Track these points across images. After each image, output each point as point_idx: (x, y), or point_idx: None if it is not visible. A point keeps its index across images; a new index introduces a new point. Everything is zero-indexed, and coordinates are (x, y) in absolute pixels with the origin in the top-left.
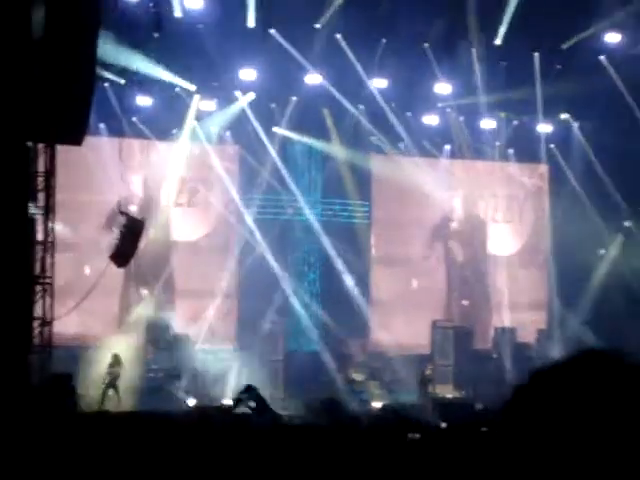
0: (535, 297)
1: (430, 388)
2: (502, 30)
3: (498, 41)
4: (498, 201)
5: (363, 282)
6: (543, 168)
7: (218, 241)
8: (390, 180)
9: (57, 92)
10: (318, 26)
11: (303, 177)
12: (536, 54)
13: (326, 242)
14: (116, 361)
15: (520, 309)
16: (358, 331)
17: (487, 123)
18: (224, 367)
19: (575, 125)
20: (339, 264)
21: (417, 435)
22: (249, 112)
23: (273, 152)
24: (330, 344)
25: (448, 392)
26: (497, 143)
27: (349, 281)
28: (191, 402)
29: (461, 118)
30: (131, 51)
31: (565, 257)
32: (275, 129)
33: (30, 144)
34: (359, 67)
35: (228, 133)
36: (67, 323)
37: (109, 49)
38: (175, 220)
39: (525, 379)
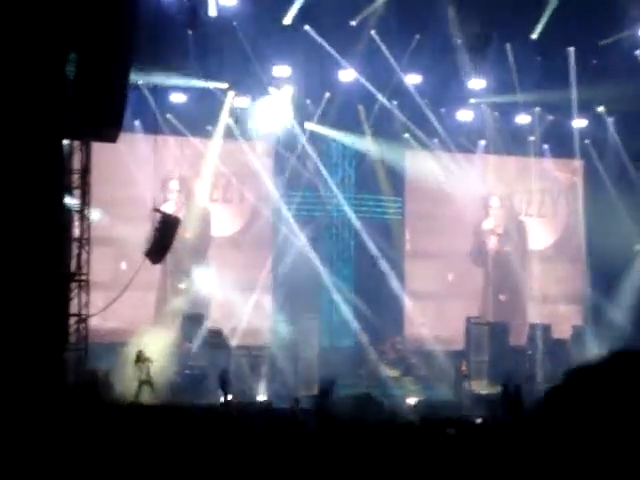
0: (571, 292)
1: (466, 384)
2: (540, 25)
3: (534, 35)
4: (532, 196)
5: (398, 277)
6: (577, 163)
7: (254, 236)
8: (424, 176)
9: (92, 90)
10: (353, 23)
11: (337, 173)
12: (571, 49)
13: (360, 238)
14: (140, 357)
15: (555, 304)
16: (393, 326)
17: (522, 118)
18: (259, 363)
19: (610, 120)
20: (374, 260)
21: (453, 430)
22: (285, 108)
23: (308, 148)
24: (365, 340)
25: (483, 388)
26: (531, 138)
27: (384, 276)
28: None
29: (495, 113)
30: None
31: (600, 252)
32: (309, 125)
33: (66, 141)
34: (393, 63)
35: (263, 129)
36: (105, 319)
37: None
38: (212, 215)
39: (559, 378)
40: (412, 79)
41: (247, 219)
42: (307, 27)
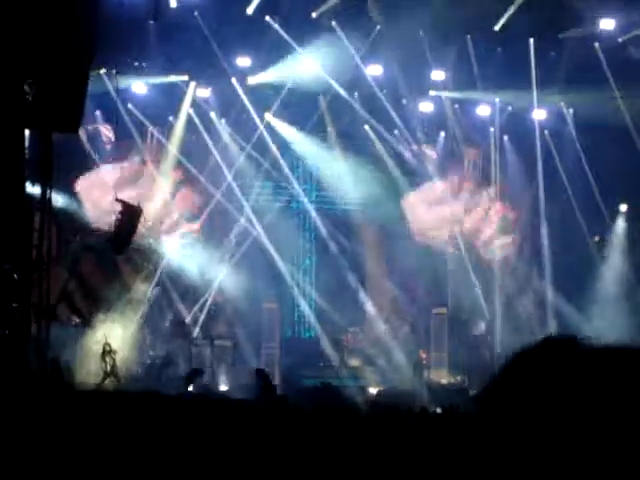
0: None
1: (424, 374)
2: (505, 17)
3: (497, 27)
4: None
5: (359, 269)
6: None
7: (214, 228)
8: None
9: (53, 80)
10: (314, 15)
11: (298, 164)
12: (531, 40)
13: (321, 229)
14: (105, 350)
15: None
16: (354, 317)
17: (482, 110)
18: (222, 353)
19: (570, 112)
20: (335, 251)
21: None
22: (244, 99)
23: (269, 139)
24: (327, 330)
25: (443, 378)
26: (491, 129)
27: (345, 268)
28: (190, 389)
29: (456, 105)
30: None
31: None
32: (269, 116)
33: (27, 131)
34: (355, 54)
35: (223, 120)
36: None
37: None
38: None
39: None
40: (373, 70)
41: (208, 210)
42: (268, 18)
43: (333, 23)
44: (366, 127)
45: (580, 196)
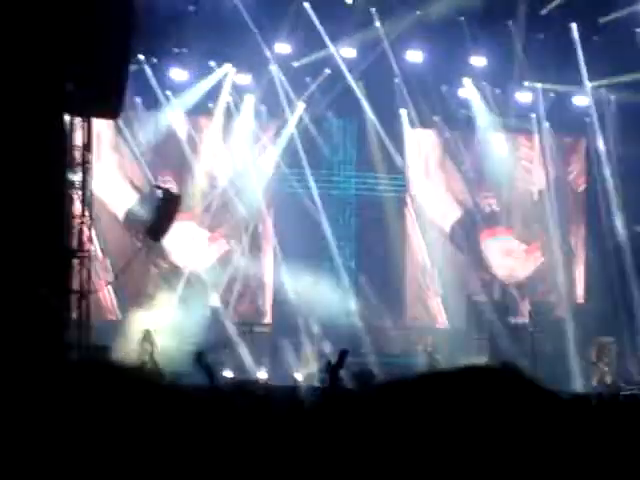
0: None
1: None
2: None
3: (544, 11)
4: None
5: (399, 256)
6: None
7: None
8: (425, 154)
9: (94, 65)
10: (350, 1)
11: (338, 151)
12: (574, 25)
13: (361, 216)
14: (146, 337)
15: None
16: (394, 303)
17: (523, 96)
18: (259, 339)
19: (612, 98)
20: (375, 238)
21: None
22: (284, 86)
23: (309, 126)
24: (365, 316)
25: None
26: (533, 115)
27: (384, 254)
28: (228, 374)
29: (497, 91)
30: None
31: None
32: (308, 103)
33: (67, 118)
34: (392, 40)
35: (264, 107)
36: (107, 296)
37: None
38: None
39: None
40: (413, 56)
41: None
42: (306, 4)
43: (372, 10)
44: (407, 112)
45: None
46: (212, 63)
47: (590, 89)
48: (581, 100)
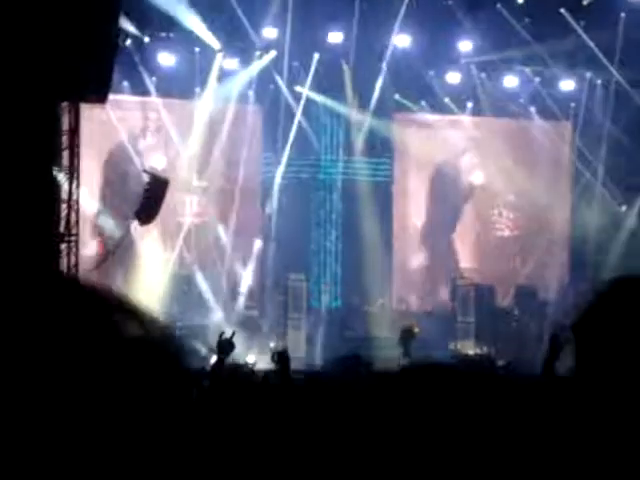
0: (558, 258)
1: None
2: None
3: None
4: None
5: (386, 241)
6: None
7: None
8: (412, 138)
9: (80, 48)
10: None
11: (325, 136)
12: (561, 10)
13: (348, 200)
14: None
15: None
16: (381, 288)
17: (509, 80)
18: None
19: (598, 82)
20: (361, 222)
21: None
22: (272, 71)
23: (296, 111)
24: (353, 301)
25: (470, 348)
26: (520, 100)
27: (371, 239)
28: (213, 359)
29: (483, 75)
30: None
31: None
32: (297, 88)
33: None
34: (381, 24)
35: (251, 92)
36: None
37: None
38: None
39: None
40: (401, 41)
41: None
42: None
43: None
44: (396, 97)
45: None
46: (199, 48)
47: (577, 73)
48: (568, 85)
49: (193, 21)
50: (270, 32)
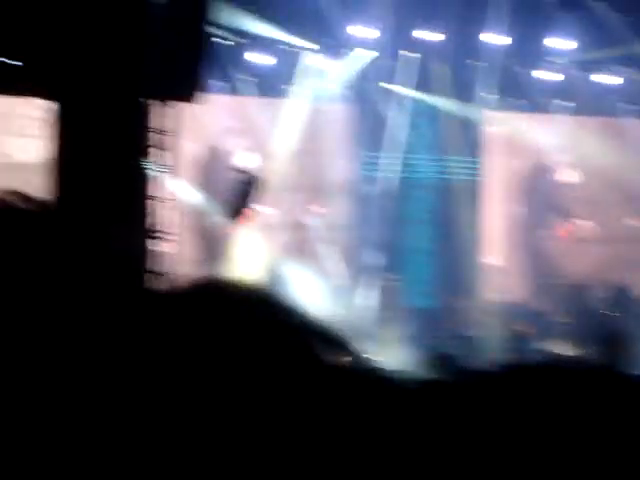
0: None
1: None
2: None
3: None
4: None
5: (478, 239)
6: None
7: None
8: (505, 137)
9: (170, 47)
10: None
11: (417, 134)
12: None
13: (442, 199)
14: None
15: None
16: (475, 287)
17: (608, 79)
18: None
19: None
20: (454, 221)
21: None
22: (365, 69)
23: (390, 110)
24: (445, 300)
25: (565, 349)
26: (618, 99)
27: (464, 238)
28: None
29: (580, 73)
30: (244, 10)
31: None
32: (391, 86)
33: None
34: (475, 22)
35: (344, 91)
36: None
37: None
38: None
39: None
40: (496, 38)
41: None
42: None
43: None
44: (490, 96)
45: None
46: (290, 47)
47: None
48: None
49: (284, 19)
50: (364, 30)
